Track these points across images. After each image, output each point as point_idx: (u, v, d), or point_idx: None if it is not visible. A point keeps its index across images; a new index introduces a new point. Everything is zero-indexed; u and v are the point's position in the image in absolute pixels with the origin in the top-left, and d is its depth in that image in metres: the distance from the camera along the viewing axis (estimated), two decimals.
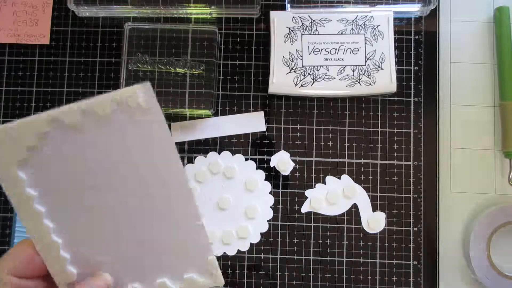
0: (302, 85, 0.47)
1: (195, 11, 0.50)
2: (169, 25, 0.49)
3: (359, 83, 0.47)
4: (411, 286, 0.47)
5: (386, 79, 0.47)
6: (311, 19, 0.48)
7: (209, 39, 0.48)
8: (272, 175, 0.48)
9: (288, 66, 0.48)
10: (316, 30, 0.48)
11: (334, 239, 0.47)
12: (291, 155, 0.48)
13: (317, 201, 0.47)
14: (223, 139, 0.49)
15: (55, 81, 0.50)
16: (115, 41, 0.50)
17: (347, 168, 0.48)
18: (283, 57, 0.48)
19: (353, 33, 0.48)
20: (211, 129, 0.49)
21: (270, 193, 0.48)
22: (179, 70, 0.48)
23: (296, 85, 0.47)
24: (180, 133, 0.49)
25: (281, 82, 0.47)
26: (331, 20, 0.48)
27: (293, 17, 0.48)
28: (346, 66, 0.47)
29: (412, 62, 0.49)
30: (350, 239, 0.47)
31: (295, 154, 0.49)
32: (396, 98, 0.49)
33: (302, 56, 0.48)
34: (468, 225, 0.47)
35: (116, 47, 0.50)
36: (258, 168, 0.48)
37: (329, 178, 0.48)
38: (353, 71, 0.47)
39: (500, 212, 0.46)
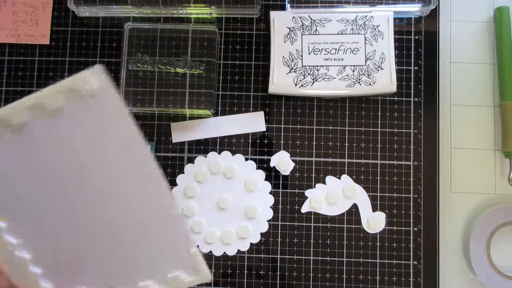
0: (302, 85, 0.47)
1: (195, 11, 0.50)
2: (169, 25, 0.49)
3: (359, 83, 0.47)
4: (411, 286, 0.47)
5: (386, 79, 0.47)
6: (311, 19, 0.48)
7: (209, 39, 0.48)
8: (272, 175, 0.48)
9: (288, 66, 0.48)
10: (316, 30, 0.48)
11: (334, 239, 0.47)
12: (291, 155, 0.48)
13: (317, 201, 0.47)
14: (223, 139, 0.49)
15: (55, 81, 0.49)
16: (115, 41, 0.50)
17: (347, 168, 0.48)
18: (283, 57, 0.48)
19: (353, 33, 0.48)
20: (211, 129, 0.49)
21: (270, 193, 0.48)
22: (179, 70, 0.48)
23: (296, 85, 0.47)
24: (180, 133, 0.49)
25: (281, 82, 0.47)
26: (331, 20, 0.48)
27: (293, 17, 0.48)
28: (346, 66, 0.47)
29: (412, 62, 0.49)
30: (350, 239, 0.47)
31: (295, 154, 0.49)
32: (396, 98, 0.49)
33: (302, 56, 0.48)
34: (468, 225, 0.47)
35: (116, 47, 0.50)
36: (258, 168, 0.48)
37: (329, 178, 0.48)
38: (353, 71, 0.47)
39: (500, 212, 0.46)
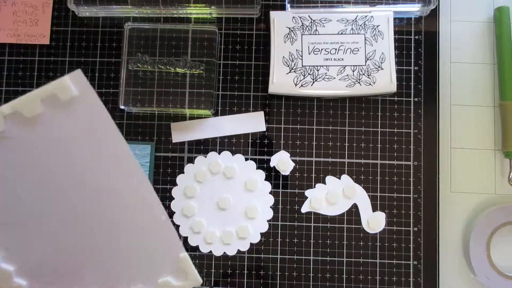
0: (302, 85, 0.47)
1: (195, 11, 0.50)
2: (169, 25, 0.49)
3: (359, 83, 0.47)
4: (411, 286, 0.47)
5: (386, 79, 0.47)
6: (311, 19, 0.48)
7: (209, 39, 0.48)
8: (272, 175, 0.48)
9: (288, 66, 0.48)
10: (316, 30, 0.48)
11: (334, 239, 0.47)
12: (291, 155, 0.48)
13: (317, 201, 0.47)
14: (223, 139, 0.49)
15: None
16: (115, 41, 0.50)
17: (347, 168, 0.48)
18: (283, 57, 0.48)
19: (353, 33, 0.48)
20: (211, 129, 0.49)
21: (270, 193, 0.48)
22: (179, 70, 0.48)
23: (296, 85, 0.47)
24: (180, 133, 0.49)
25: (281, 82, 0.47)
26: (331, 20, 0.48)
27: (293, 17, 0.48)
28: (346, 66, 0.47)
29: (412, 62, 0.49)
30: (350, 239, 0.47)
31: (295, 154, 0.49)
32: (396, 98, 0.49)
33: (302, 56, 0.48)
34: (468, 225, 0.47)
35: (116, 47, 0.50)
36: (258, 168, 0.48)
37: (329, 178, 0.48)
38: (353, 71, 0.47)
39: (500, 212, 0.46)
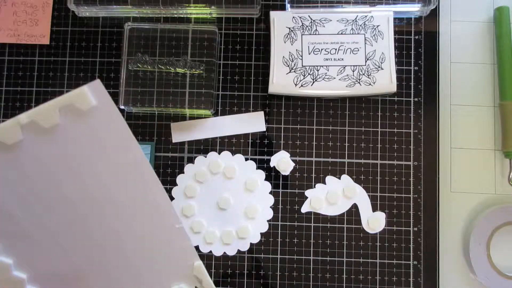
0: (302, 85, 0.47)
1: (195, 11, 0.50)
2: (169, 25, 0.49)
3: (359, 83, 0.47)
4: (411, 286, 0.47)
5: (386, 79, 0.47)
6: (311, 19, 0.48)
7: (209, 39, 0.48)
8: (272, 175, 0.48)
9: (288, 66, 0.48)
10: (316, 30, 0.48)
11: (334, 239, 0.47)
12: (291, 155, 0.48)
13: (317, 201, 0.47)
14: (223, 139, 0.49)
15: (55, 81, 0.50)
16: (115, 41, 0.50)
17: (347, 168, 0.48)
18: (283, 57, 0.48)
19: (353, 33, 0.48)
20: (211, 129, 0.49)
21: (270, 193, 0.48)
22: (179, 70, 0.48)
23: (296, 85, 0.47)
24: (180, 133, 0.49)
25: (281, 82, 0.47)
26: (331, 20, 0.48)
27: (293, 17, 0.48)
28: (346, 66, 0.47)
29: (412, 62, 0.49)
30: (350, 239, 0.47)
31: (295, 154, 0.49)
32: (396, 98, 0.49)
33: (302, 56, 0.48)
34: (468, 225, 0.47)
35: (116, 47, 0.50)
36: (258, 168, 0.48)
37: (329, 178, 0.48)
38: (353, 71, 0.47)
39: (500, 212, 0.46)
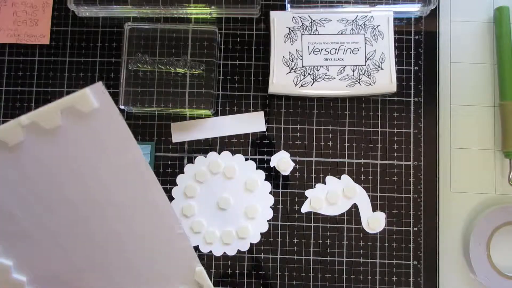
0: (302, 85, 0.47)
1: (195, 11, 0.50)
2: (169, 25, 0.49)
3: (359, 83, 0.47)
4: (411, 286, 0.47)
5: (386, 79, 0.47)
6: (311, 19, 0.48)
7: (209, 39, 0.48)
8: (272, 175, 0.48)
9: (288, 66, 0.48)
10: (316, 30, 0.48)
11: (334, 239, 0.47)
12: (291, 155, 0.48)
13: (317, 201, 0.47)
14: (223, 139, 0.49)
15: (55, 81, 0.50)
16: (115, 41, 0.50)
17: (347, 168, 0.48)
18: (283, 57, 0.48)
19: (353, 33, 0.48)
20: (211, 129, 0.49)
21: (270, 193, 0.48)
22: (179, 70, 0.48)
23: (296, 85, 0.47)
24: (180, 133, 0.49)
25: (281, 82, 0.47)
26: (331, 20, 0.48)
27: (293, 17, 0.48)
28: (346, 66, 0.47)
29: (412, 62, 0.49)
30: (350, 239, 0.47)
31: (295, 154, 0.49)
32: (396, 98, 0.49)
33: (302, 56, 0.48)
34: (468, 225, 0.47)
35: (116, 47, 0.50)
36: (258, 168, 0.48)
37: (329, 178, 0.48)
38: (353, 71, 0.47)
39: (500, 212, 0.46)
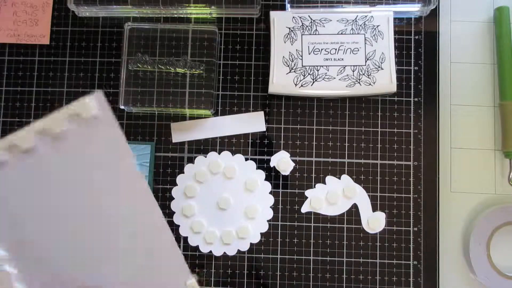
0: (302, 85, 0.47)
1: (195, 11, 0.50)
2: (169, 25, 0.49)
3: (359, 83, 0.47)
4: (411, 286, 0.47)
5: (386, 79, 0.47)
6: (311, 19, 0.48)
7: (209, 39, 0.48)
8: (272, 175, 0.48)
9: (288, 66, 0.48)
10: (316, 30, 0.48)
11: (334, 239, 0.47)
12: (291, 155, 0.48)
13: (317, 201, 0.47)
14: (223, 139, 0.49)
15: (55, 81, 0.50)
16: (115, 41, 0.50)
17: (347, 168, 0.48)
18: (283, 57, 0.48)
19: (353, 33, 0.48)
20: (211, 129, 0.49)
21: (270, 193, 0.48)
22: (179, 70, 0.48)
23: (296, 85, 0.47)
24: (180, 133, 0.49)
25: (281, 82, 0.47)
26: (331, 20, 0.48)
27: (293, 17, 0.48)
28: (346, 66, 0.47)
29: (412, 62, 0.49)
30: (350, 239, 0.47)
31: (295, 154, 0.49)
32: (396, 98, 0.49)
33: (302, 56, 0.48)
34: (468, 225, 0.47)
35: (116, 47, 0.50)
36: (258, 168, 0.48)
37: (329, 178, 0.48)
38: (353, 71, 0.47)
39: (500, 212, 0.46)
